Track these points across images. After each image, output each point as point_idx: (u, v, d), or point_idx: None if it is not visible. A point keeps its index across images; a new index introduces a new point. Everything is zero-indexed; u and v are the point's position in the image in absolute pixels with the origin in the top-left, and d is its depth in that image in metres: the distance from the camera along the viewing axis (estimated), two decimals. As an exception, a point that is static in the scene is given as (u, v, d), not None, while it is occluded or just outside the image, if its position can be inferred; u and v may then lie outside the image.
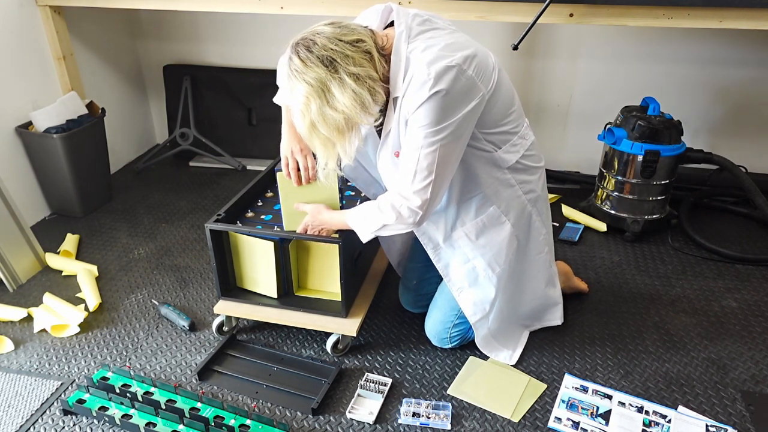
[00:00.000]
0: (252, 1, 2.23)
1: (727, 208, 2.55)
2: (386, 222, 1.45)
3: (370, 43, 1.32)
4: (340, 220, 1.55)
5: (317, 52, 1.27)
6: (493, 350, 1.72)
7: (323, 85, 1.28)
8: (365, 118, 1.34)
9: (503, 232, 1.58)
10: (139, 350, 1.79)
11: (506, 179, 1.54)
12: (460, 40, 1.36)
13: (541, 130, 2.83)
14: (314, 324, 1.72)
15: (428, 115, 1.31)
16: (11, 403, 1.60)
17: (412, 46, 1.33)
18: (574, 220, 2.49)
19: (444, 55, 1.29)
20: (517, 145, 1.52)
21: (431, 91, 1.28)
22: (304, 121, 1.33)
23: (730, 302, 1.99)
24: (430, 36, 1.36)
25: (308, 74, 1.28)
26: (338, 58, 1.27)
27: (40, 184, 2.51)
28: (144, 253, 2.30)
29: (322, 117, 1.30)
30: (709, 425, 1.51)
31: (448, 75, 1.28)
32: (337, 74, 1.28)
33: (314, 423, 1.53)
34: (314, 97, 1.29)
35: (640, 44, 2.58)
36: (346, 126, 1.33)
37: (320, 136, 1.34)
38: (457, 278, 1.63)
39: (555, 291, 1.80)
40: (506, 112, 1.47)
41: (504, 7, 2.06)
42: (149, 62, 3.13)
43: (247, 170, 3.02)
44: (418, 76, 1.29)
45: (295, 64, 1.29)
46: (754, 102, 2.61)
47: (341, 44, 1.28)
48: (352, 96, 1.29)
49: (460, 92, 1.31)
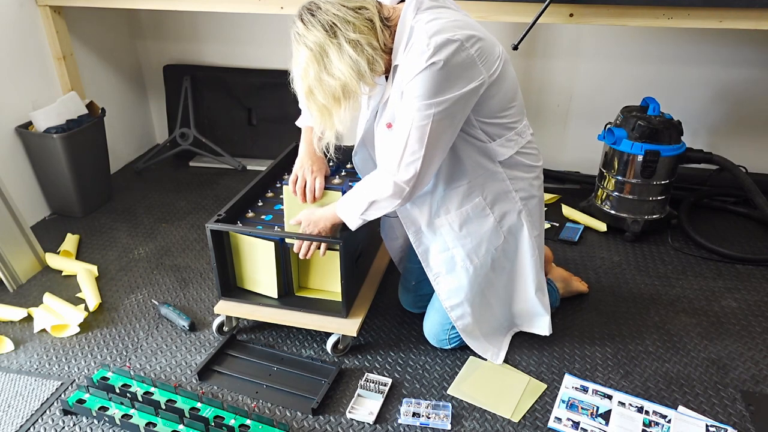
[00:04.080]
0: (252, 1, 2.23)
1: (727, 208, 2.55)
2: (373, 198, 1.45)
3: (373, 11, 1.33)
4: (331, 211, 1.55)
5: (319, 17, 1.29)
6: (479, 346, 1.71)
7: (322, 50, 1.30)
8: (362, 87, 1.35)
9: (486, 224, 1.57)
10: (139, 350, 1.79)
11: (497, 172, 1.53)
12: (470, 22, 1.37)
13: (541, 130, 2.83)
14: (314, 324, 1.72)
15: (423, 85, 1.30)
16: (11, 403, 1.60)
17: (419, 17, 1.33)
18: (574, 220, 2.49)
19: (447, 28, 1.29)
20: (512, 141, 1.51)
21: (428, 62, 1.28)
22: (303, 86, 1.35)
23: (730, 302, 1.99)
24: (440, 12, 1.35)
25: (309, 38, 1.30)
26: (339, 23, 1.28)
27: (40, 184, 2.51)
28: (144, 253, 2.30)
29: (320, 83, 1.32)
30: (709, 425, 1.51)
31: (448, 48, 1.28)
32: (335, 39, 1.29)
33: (314, 423, 1.53)
34: (312, 62, 1.31)
35: (640, 44, 2.58)
36: (343, 94, 1.33)
37: (317, 103, 1.36)
38: (435, 264, 1.63)
39: (544, 299, 1.73)
40: (506, 105, 1.47)
41: (504, 7, 2.06)
42: (149, 62, 3.13)
43: (247, 170, 3.02)
44: (418, 44, 1.29)
45: (297, 27, 1.32)
46: (754, 102, 2.61)
47: (344, 9, 1.30)
48: (349, 63, 1.30)
49: (459, 67, 1.30)
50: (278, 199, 1.88)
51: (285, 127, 2.88)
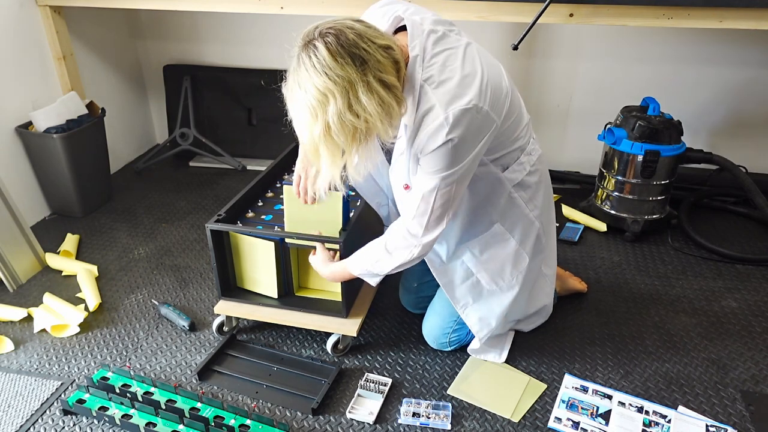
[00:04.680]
0: (252, 1, 2.23)
1: (727, 208, 2.55)
2: (400, 262, 1.44)
3: (398, 53, 1.21)
4: (342, 270, 1.54)
5: (348, 48, 1.12)
6: (482, 352, 1.72)
7: (350, 85, 1.13)
8: (389, 131, 1.21)
9: (508, 248, 1.57)
10: (139, 350, 1.79)
11: (512, 199, 1.52)
12: (475, 65, 1.27)
13: (541, 130, 2.83)
14: (314, 324, 1.72)
15: (442, 160, 1.26)
16: (11, 403, 1.60)
17: (427, 74, 1.24)
18: (574, 220, 2.49)
19: (460, 94, 1.22)
20: (523, 163, 1.50)
21: (447, 137, 1.22)
22: (316, 121, 1.16)
23: (730, 302, 1.99)
24: (444, 62, 1.26)
25: (335, 70, 1.11)
26: (370, 61, 1.14)
27: (40, 184, 2.51)
28: (144, 253, 2.30)
29: (340, 121, 1.15)
30: (709, 425, 1.51)
31: (465, 118, 1.22)
32: (366, 77, 1.14)
33: (314, 423, 1.53)
34: (336, 96, 1.13)
35: (640, 44, 2.58)
36: (366, 134, 1.19)
37: (331, 144, 1.19)
38: (461, 294, 1.62)
39: (550, 296, 1.79)
40: (516, 133, 1.44)
41: (504, 7, 2.06)
42: (149, 62, 3.13)
43: (247, 170, 3.02)
44: (434, 117, 1.22)
45: (321, 54, 1.12)
46: (754, 102, 2.61)
47: (373, 46, 1.15)
48: (379, 103, 1.15)
49: (475, 132, 1.26)
50: (278, 199, 1.88)
51: (285, 127, 2.88)
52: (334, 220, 1.62)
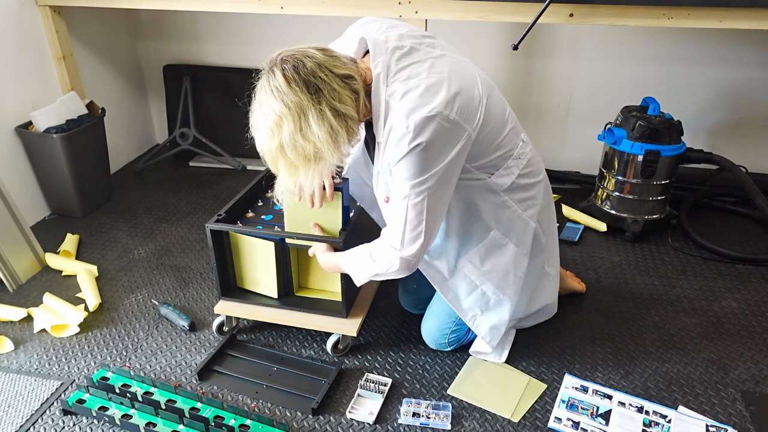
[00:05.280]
0: (252, 1, 2.23)
1: (727, 208, 2.55)
2: (379, 271, 1.45)
3: (359, 83, 1.26)
4: (335, 262, 1.57)
5: (304, 76, 1.20)
6: (482, 352, 1.72)
7: (301, 112, 1.21)
8: (335, 156, 1.27)
9: (507, 254, 1.57)
10: (139, 350, 1.79)
11: (503, 202, 1.51)
12: (442, 74, 1.28)
13: (541, 130, 2.83)
14: (315, 324, 1.72)
15: (409, 168, 1.27)
16: (11, 403, 1.60)
17: (391, 89, 1.27)
18: (574, 220, 2.49)
19: (423, 103, 1.23)
20: (511, 167, 1.49)
21: (410, 145, 1.24)
22: (272, 140, 1.25)
23: (730, 302, 1.99)
24: (408, 75, 1.28)
25: (289, 96, 1.20)
26: (325, 90, 1.21)
27: (40, 184, 2.51)
28: (144, 253, 2.30)
29: (292, 143, 1.23)
30: (709, 425, 1.51)
31: (428, 126, 1.23)
32: (318, 105, 1.21)
33: (314, 423, 1.53)
34: (288, 120, 1.22)
35: (640, 44, 2.58)
36: (314, 157, 1.26)
37: (286, 160, 1.28)
38: (468, 307, 1.62)
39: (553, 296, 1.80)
40: (497, 139, 1.42)
41: (504, 7, 2.06)
42: (149, 62, 3.13)
43: (247, 170, 3.02)
44: (397, 128, 1.24)
45: (277, 81, 1.21)
46: (754, 102, 2.61)
47: (331, 75, 1.22)
48: (328, 131, 1.22)
49: (443, 139, 1.26)
50: (278, 199, 1.88)
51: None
52: (335, 221, 1.62)
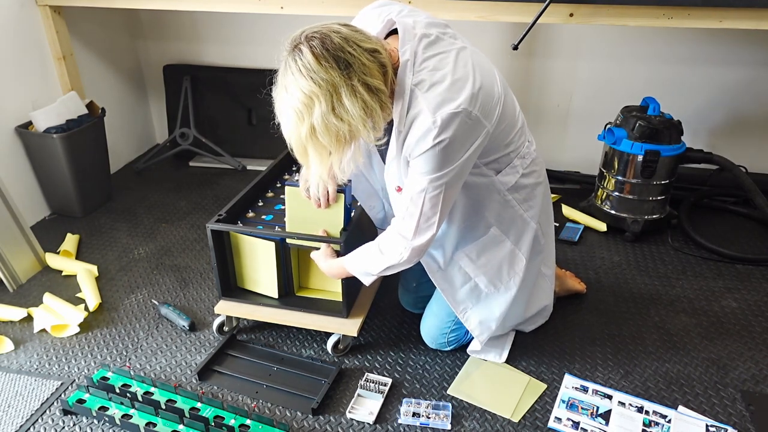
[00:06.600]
0: (252, 1, 2.23)
1: (727, 208, 2.55)
2: (390, 263, 1.44)
3: (386, 57, 1.22)
4: (339, 267, 1.55)
5: (333, 51, 1.15)
6: (482, 352, 1.72)
7: (334, 89, 1.15)
8: (371, 134, 1.22)
9: (503, 250, 1.57)
10: (139, 350, 1.79)
11: (507, 201, 1.52)
12: (467, 68, 1.27)
13: (541, 130, 2.83)
14: (315, 324, 1.72)
15: (430, 162, 1.26)
16: (11, 403, 1.60)
17: (417, 78, 1.25)
18: (574, 220, 2.49)
19: (450, 98, 1.22)
20: (516, 166, 1.50)
21: (435, 140, 1.23)
22: (302, 124, 1.19)
23: (730, 302, 1.99)
24: (435, 66, 1.26)
25: (319, 74, 1.14)
26: (355, 65, 1.16)
27: (40, 184, 2.51)
28: (144, 253, 2.30)
29: (324, 124, 1.18)
30: (709, 425, 1.51)
31: (453, 122, 1.22)
32: (350, 81, 1.16)
33: (314, 423, 1.53)
34: (320, 100, 1.16)
35: (640, 44, 2.58)
36: (349, 137, 1.22)
37: (317, 145, 1.22)
38: (461, 299, 1.62)
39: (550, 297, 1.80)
40: (508, 136, 1.44)
41: (504, 7, 2.06)
42: (149, 62, 3.13)
43: (247, 170, 3.02)
44: (423, 121, 1.23)
45: (305, 58, 1.15)
46: (754, 102, 2.61)
47: (359, 50, 1.17)
48: (362, 107, 1.18)
49: (464, 135, 1.26)
50: (278, 199, 1.88)
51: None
52: (336, 221, 1.62)
